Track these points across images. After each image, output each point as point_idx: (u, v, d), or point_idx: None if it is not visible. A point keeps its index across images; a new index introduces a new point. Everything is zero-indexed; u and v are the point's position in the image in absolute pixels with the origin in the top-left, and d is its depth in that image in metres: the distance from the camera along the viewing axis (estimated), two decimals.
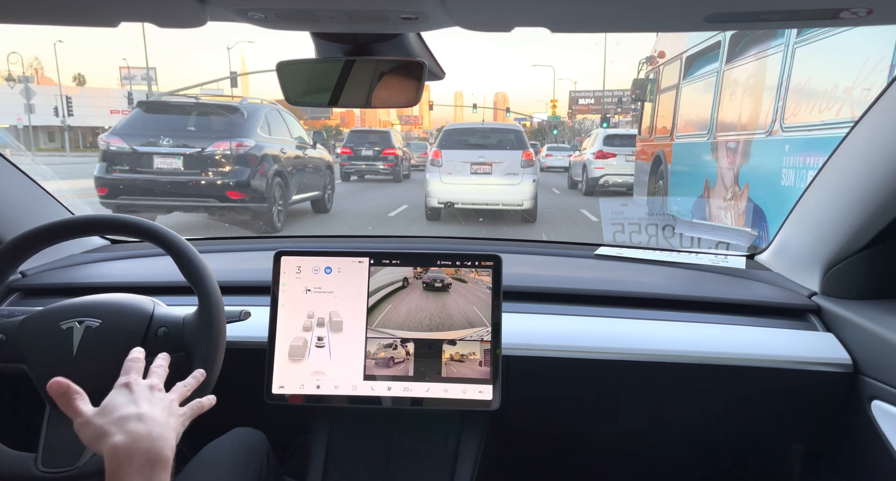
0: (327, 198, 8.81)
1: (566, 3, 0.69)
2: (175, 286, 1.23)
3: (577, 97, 51.17)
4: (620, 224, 1.85)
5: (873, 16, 0.68)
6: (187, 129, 6.55)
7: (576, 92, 51.94)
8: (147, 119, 6.55)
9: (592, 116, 50.69)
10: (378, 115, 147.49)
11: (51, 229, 1.03)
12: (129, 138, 6.30)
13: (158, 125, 6.48)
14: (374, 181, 15.16)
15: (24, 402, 1.08)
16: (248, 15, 0.76)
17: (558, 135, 45.73)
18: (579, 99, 51.01)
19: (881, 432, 1.00)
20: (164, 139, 6.27)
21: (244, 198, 6.36)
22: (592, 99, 50.20)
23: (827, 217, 1.20)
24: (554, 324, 1.23)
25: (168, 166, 6.25)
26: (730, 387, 1.17)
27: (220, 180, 6.32)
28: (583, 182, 12.74)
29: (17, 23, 0.84)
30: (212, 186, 6.33)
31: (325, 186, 8.67)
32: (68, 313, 0.99)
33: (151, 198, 6.34)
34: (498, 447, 1.26)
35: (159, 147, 6.25)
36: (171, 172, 6.27)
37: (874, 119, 1.08)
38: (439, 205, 8.07)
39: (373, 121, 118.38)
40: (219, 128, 6.62)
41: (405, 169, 16.52)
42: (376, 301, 1.09)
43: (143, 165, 6.24)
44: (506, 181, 7.95)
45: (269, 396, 1.07)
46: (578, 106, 50.86)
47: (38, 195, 1.49)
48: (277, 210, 6.81)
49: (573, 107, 51.07)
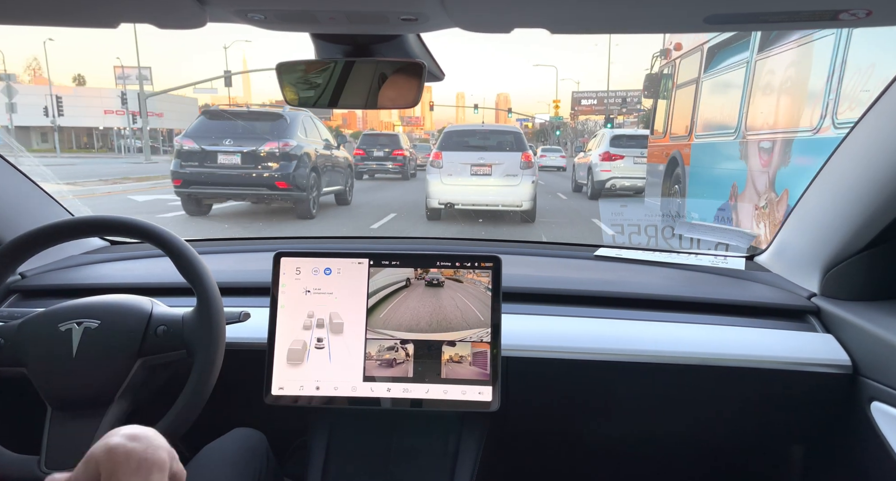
0: (348, 192, 10.26)
1: (565, 5, 0.69)
2: (174, 287, 1.23)
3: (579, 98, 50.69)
4: (620, 225, 1.85)
5: (872, 17, 0.68)
6: (243, 132, 8.00)
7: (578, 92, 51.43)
8: (210, 124, 8.06)
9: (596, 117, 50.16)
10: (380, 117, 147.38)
11: (50, 230, 1.02)
12: (197, 140, 7.84)
13: (220, 129, 7.98)
14: (384, 179, 16.58)
15: (26, 405, 1.07)
16: (247, 16, 0.76)
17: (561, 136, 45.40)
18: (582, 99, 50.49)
19: (880, 433, 1.00)
20: (225, 140, 7.80)
21: (289, 188, 7.82)
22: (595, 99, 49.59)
23: (826, 218, 1.20)
24: (553, 325, 1.23)
25: (229, 162, 7.78)
26: (729, 389, 1.17)
27: (269, 173, 7.80)
28: (588, 185, 12.27)
29: (16, 23, 0.83)
30: (263, 178, 7.83)
31: (347, 182, 10.11)
32: (67, 315, 0.99)
33: (215, 187, 7.94)
34: (497, 448, 1.26)
35: (222, 146, 7.77)
36: (232, 167, 7.79)
37: (873, 120, 1.08)
38: (440, 205, 8.23)
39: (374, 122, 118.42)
40: (268, 131, 8.00)
41: (412, 168, 18.09)
42: (376, 302, 1.09)
43: (209, 161, 7.78)
44: (505, 182, 8.09)
45: (269, 398, 1.07)
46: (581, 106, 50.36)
47: (37, 196, 1.49)
48: (313, 199, 8.27)
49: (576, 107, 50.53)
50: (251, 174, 7.86)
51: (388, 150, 16.18)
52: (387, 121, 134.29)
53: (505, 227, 8.42)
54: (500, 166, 8.12)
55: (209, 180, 7.85)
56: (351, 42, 0.92)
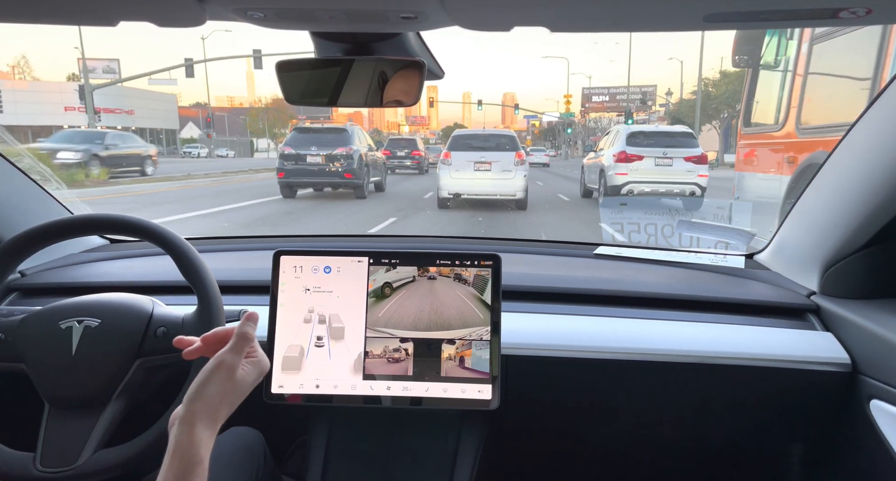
0: (383, 182, 14.28)
1: (565, 3, 0.69)
2: (174, 285, 1.23)
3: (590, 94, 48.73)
4: (619, 223, 1.85)
5: (872, 15, 0.68)
6: (322, 141, 11.85)
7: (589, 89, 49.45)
8: (300, 136, 12.17)
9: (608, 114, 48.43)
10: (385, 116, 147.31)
11: (50, 228, 1.02)
12: (293, 147, 11.70)
13: (307, 139, 11.93)
14: (404, 174, 20.62)
15: (23, 402, 1.07)
16: (247, 14, 0.76)
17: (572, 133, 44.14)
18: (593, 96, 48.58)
19: (880, 431, 1.00)
20: (311, 146, 11.58)
21: (352, 178, 11.71)
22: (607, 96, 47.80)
23: (826, 216, 1.20)
24: (553, 324, 1.23)
25: (314, 160, 11.62)
26: (728, 387, 1.17)
27: (340, 168, 11.64)
28: (599, 190, 10.47)
29: (14, 22, 0.83)
30: (336, 171, 11.67)
31: (383, 174, 14.34)
32: (67, 313, 0.99)
33: (305, 177, 11.96)
34: (497, 446, 1.26)
35: (309, 150, 11.57)
36: (316, 164, 11.63)
37: (873, 118, 1.08)
38: (449, 195, 10.36)
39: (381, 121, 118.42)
40: (337, 140, 11.83)
41: (426, 165, 22.65)
42: (376, 300, 1.09)
43: (301, 160, 11.66)
44: (502, 176, 10.02)
45: (268, 396, 1.07)
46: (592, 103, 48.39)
47: (37, 194, 1.49)
48: (365, 185, 12.10)
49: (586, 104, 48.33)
50: (328, 169, 11.65)
51: (407, 151, 20.95)
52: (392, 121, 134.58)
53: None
54: (498, 163, 10.00)
55: (301, 173, 11.81)
56: (351, 40, 0.92)
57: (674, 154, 9.59)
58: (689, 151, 9.66)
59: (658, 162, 9.44)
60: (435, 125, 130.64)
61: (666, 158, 9.46)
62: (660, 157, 9.43)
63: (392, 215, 9.49)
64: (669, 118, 28.00)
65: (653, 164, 9.49)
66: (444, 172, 10.26)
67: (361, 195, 12.04)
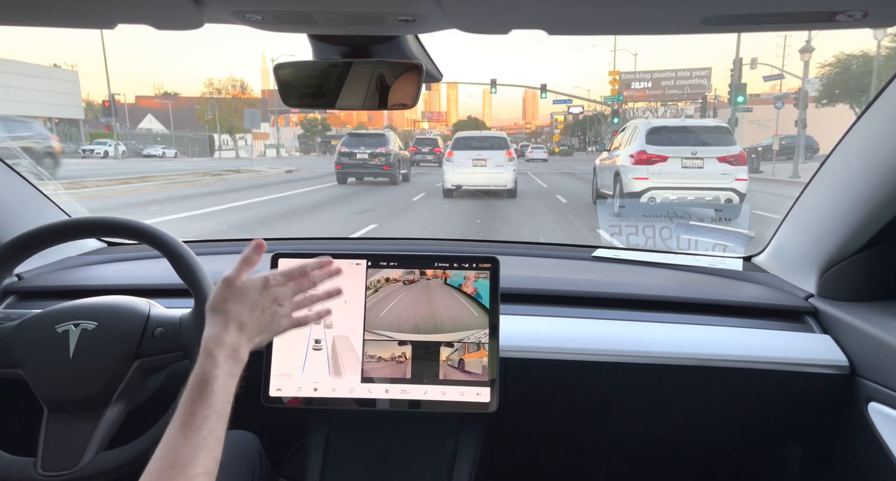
0: (409, 174, 17.87)
1: (562, 6, 0.69)
2: (171, 288, 1.22)
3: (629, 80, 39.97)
4: (618, 226, 1.85)
5: (869, 19, 0.68)
6: (367, 142, 15.58)
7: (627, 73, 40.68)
8: (352, 139, 15.98)
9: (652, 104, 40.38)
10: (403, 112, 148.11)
11: (47, 231, 1.02)
12: (348, 146, 15.55)
13: (356, 141, 15.77)
14: (426, 167, 23.80)
15: (22, 407, 1.07)
16: (245, 17, 0.76)
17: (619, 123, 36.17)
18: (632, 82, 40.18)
19: (878, 434, 1.00)
20: (360, 146, 15.39)
21: (389, 170, 15.58)
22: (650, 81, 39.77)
23: (823, 219, 1.21)
24: (551, 326, 1.23)
25: (363, 157, 15.40)
26: (726, 389, 1.17)
27: (380, 163, 15.40)
28: (615, 197, 8.48)
29: (13, 24, 0.83)
30: (378, 165, 15.47)
31: (408, 168, 18.08)
32: (64, 316, 0.99)
33: (355, 169, 15.79)
34: (495, 449, 1.25)
35: (359, 149, 15.38)
36: (363, 159, 15.45)
37: (871, 120, 1.08)
38: (452, 187, 12.49)
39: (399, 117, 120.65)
40: (378, 142, 15.57)
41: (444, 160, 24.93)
42: (374, 303, 1.09)
43: (352, 157, 15.49)
44: (495, 171, 12.34)
45: (267, 399, 1.07)
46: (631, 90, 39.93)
47: (34, 197, 1.48)
48: (398, 174, 16.05)
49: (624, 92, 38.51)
50: (371, 163, 15.47)
51: (430, 148, 24.76)
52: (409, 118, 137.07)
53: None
54: (492, 160, 12.31)
55: (353, 166, 15.67)
56: (349, 43, 0.92)
57: (705, 153, 7.65)
58: (724, 150, 7.70)
59: (685, 163, 7.63)
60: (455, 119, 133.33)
61: (695, 159, 7.65)
62: (687, 158, 7.61)
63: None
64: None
65: (679, 167, 7.65)
66: (448, 168, 12.50)
67: (394, 182, 15.97)
